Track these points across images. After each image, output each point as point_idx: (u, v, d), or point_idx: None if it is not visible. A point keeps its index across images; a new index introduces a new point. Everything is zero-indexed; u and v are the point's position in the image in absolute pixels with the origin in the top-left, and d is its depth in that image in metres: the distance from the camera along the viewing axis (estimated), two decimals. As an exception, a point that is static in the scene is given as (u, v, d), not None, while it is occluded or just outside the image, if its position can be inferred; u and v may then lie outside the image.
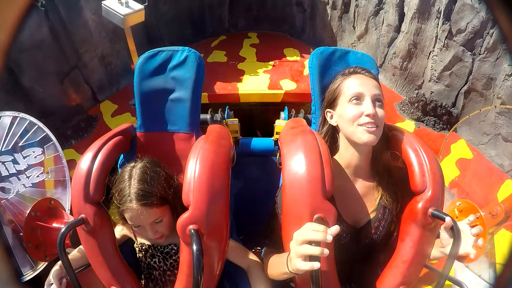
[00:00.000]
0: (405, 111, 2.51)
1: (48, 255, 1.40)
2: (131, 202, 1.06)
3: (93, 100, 2.70)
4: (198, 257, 0.89)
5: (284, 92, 2.78)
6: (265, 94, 2.81)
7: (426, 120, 2.40)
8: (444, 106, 2.36)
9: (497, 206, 1.38)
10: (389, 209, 1.12)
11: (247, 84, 2.87)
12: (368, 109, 1.02)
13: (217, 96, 2.79)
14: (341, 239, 1.09)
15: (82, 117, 2.47)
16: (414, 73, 2.58)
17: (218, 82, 2.87)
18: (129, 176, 1.10)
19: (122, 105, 2.67)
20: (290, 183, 0.95)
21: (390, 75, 2.78)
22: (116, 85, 2.86)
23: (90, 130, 2.44)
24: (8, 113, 1.46)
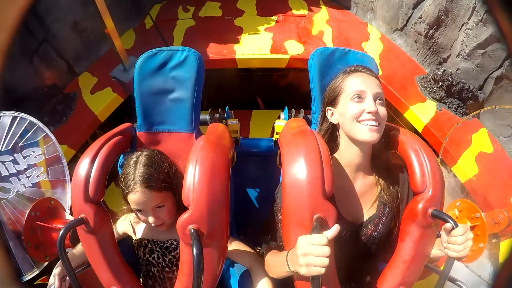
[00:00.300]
0: (427, 89, 2.24)
1: (48, 255, 1.40)
2: (136, 185, 1.10)
3: (70, 74, 2.39)
4: (198, 257, 0.89)
5: (289, 57, 2.41)
6: (267, 59, 2.42)
7: (449, 103, 2.17)
8: (471, 90, 2.09)
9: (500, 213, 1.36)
10: (389, 207, 1.12)
11: (245, 46, 2.47)
12: (369, 106, 1.03)
13: (210, 62, 2.40)
14: (340, 236, 1.09)
15: (58, 98, 2.21)
16: (441, 44, 2.25)
17: (212, 44, 2.47)
18: (135, 161, 1.15)
19: (102, 77, 2.39)
20: (290, 183, 0.95)
21: (412, 41, 2.44)
22: (95, 53, 2.52)
23: (68, 113, 2.21)
24: (8, 113, 1.46)
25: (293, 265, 0.89)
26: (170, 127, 1.40)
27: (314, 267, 0.81)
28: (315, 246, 0.81)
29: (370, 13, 2.75)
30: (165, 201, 1.15)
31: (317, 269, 0.81)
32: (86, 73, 2.44)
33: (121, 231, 1.31)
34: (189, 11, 2.75)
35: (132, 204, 1.13)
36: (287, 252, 0.95)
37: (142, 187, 1.10)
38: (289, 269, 0.93)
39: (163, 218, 1.16)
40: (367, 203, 1.14)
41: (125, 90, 2.37)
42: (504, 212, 1.36)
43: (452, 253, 0.93)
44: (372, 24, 2.78)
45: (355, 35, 2.64)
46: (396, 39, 2.60)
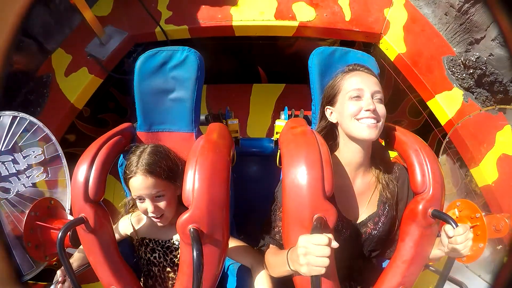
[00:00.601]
0: (455, 74, 1.98)
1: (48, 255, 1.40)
2: (138, 169, 1.13)
3: (42, 54, 2.06)
4: (198, 257, 0.89)
5: (298, 24, 2.04)
6: (271, 26, 2.06)
7: (477, 93, 1.94)
8: (504, 84, 1.87)
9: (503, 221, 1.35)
10: (389, 205, 1.12)
11: (244, 9, 2.09)
12: (368, 104, 1.03)
13: (202, 30, 2.09)
14: (340, 235, 1.10)
15: (29, 87, 1.94)
16: (476, 23, 1.94)
17: (203, 7, 2.08)
18: (141, 151, 1.18)
19: (77, 55, 2.09)
20: (290, 183, 0.95)
21: (441, 13, 2.11)
22: (68, 25, 2.15)
23: (42, 102, 1.95)
24: (8, 113, 1.46)
25: (294, 264, 0.90)
26: (170, 127, 1.40)
27: (314, 267, 0.81)
28: (316, 246, 0.81)
29: None
30: (166, 190, 1.16)
31: (317, 268, 0.81)
32: (59, 50, 2.10)
33: (122, 232, 1.31)
34: None
35: (133, 190, 1.15)
36: (288, 251, 0.95)
37: (144, 171, 1.12)
38: (290, 268, 0.93)
39: (162, 209, 1.16)
40: (367, 201, 1.14)
41: (102, 70, 2.08)
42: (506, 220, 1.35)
43: (452, 253, 0.93)
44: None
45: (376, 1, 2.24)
46: (423, 7, 2.25)
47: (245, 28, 2.09)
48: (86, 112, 2.28)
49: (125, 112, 2.67)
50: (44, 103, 1.96)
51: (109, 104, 2.54)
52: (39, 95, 1.96)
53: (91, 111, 2.32)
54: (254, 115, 2.63)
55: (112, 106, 2.58)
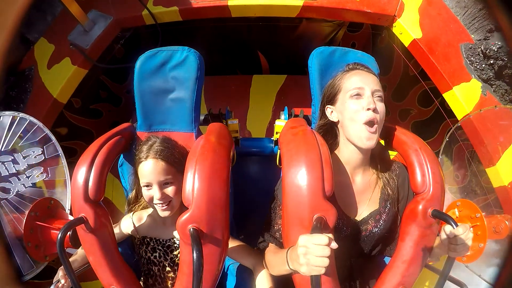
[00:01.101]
0: (474, 63, 1.85)
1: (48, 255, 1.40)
2: (149, 154, 1.15)
3: (24, 44, 1.94)
4: (198, 257, 0.89)
5: (302, 4, 1.85)
6: (272, 6, 1.86)
7: (496, 86, 1.82)
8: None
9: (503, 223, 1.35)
10: (390, 203, 1.12)
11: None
12: (368, 103, 1.03)
13: (195, 11, 1.91)
14: (341, 233, 1.10)
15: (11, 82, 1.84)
16: None
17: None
18: (152, 142, 1.19)
19: (60, 44, 1.95)
20: (290, 183, 0.95)
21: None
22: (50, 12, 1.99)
23: (25, 98, 1.83)
24: (8, 113, 1.46)
25: (293, 263, 0.90)
26: (170, 127, 1.40)
27: (314, 267, 0.81)
28: (316, 246, 0.81)
29: None
30: (174, 179, 1.16)
31: (317, 268, 0.81)
32: (42, 40, 1.96)
33: (124, 231, 1.31)
34: None
35: (142, 175, 1.15)
36: (287, 250, 0.95)
37: (154, 156, 1.14)
38: (289, 267, 0.93)
39: (170, 196, 1.16)
40: (368, 199, 1.14)
41: (86, 60, 1.94)
42: (506, 222, 1.34)
43: (452, 252, 0.93)
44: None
45: None
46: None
47: (243, 8, 1.90)
48: (76, 104, 2.11)
49: (119, 101, 2.42)
50: (27, 98, 1.85)
51: (101, 93, 2.34)
52: (21, 90, 1.85)
53: (82, 102, 2.15)
54: (254, 108, 2.50)
55: (104, 96, 2.37)
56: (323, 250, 0.81)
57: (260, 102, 2.49)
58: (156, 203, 1.16)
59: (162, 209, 1.17)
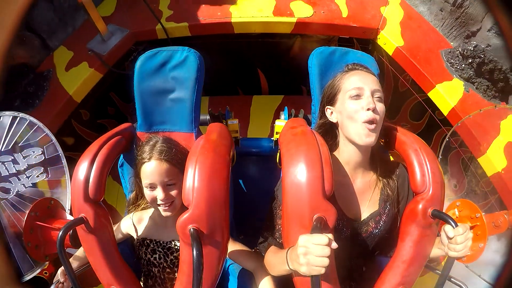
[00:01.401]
0: (454, 65, 2.00)
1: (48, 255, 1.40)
2: (153, 155, 1.14)
3: (44, 50, 2.11)
4: (198, 257, 0.89)
5: (296, 20, 2.09)
6: (270, 22, 2.11)
7: (478, 83, 1.94)
8: (503, 71, 1.87)
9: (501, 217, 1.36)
10: (390, 204, 1.12)
11: (243, 8, 2.15)
12: (368, 103, 1.03)
13: (202, 27, 2.14)
14: (341, 234, 1.10)
15: (29, 79, 1.97)
16: (471, 15, 1.99)
17: (203, 6, 2.16)
18: (155, 142, 1.19)
19: (79, 51, 2.14)
20: (290, 183, 0.95)
21: (436, 9, 2.18)
22: (71, 23, 2.23)
23: (41, 95, 1.97)
24: (8, 113, 1.46)
25: (293, 263, 0.90)
26: (170, 127, 1.40)
27: (314, 267, 0.81)
28: (316, 246, 0.81)
29: None
30: (177, 180, 1.16)
31: (317, 268, 0.81)
32: (61, 48, 2.16)
33: (124, 231, 1.31)
34: None
35: (145, 176, 1.15)
36: (287, 250, 0.95)
37: (158, 157, 1.14)
38: (289, 268, 0.93)
39: (172, 197, 1.16)
40: (368, 200, 1.14)
41: (102, 64, 2.13)
42: (505, 216, 1.35)
43: (452, 252, 0.93)
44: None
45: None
46: (419, 6, 2.33)
47: (244, 25, 2.12)
48: (85, 116, 2.26)
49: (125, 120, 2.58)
50: (43, 95, 1.97)
51: (109, 109, 2.53)
52: (39, 87, 1.97)
53: (91, 115, 2.31)
54: (254, 124, 2.72)
55: (112, 112, 2.57)
56: (323, 250, 0.81)
57: (260, 119, 2.69)
58: (159, 203, 1.16)
59: (165, 209, 1.17)
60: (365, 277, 1.19)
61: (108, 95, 2.43)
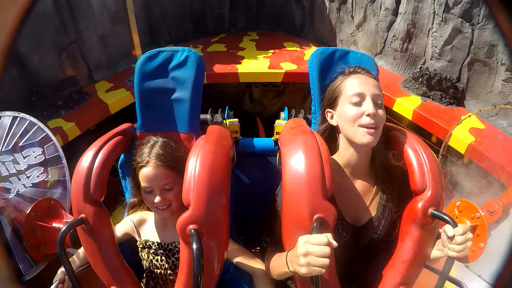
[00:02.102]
0: (410, 88, 2.46)
1: (48, 255, 1.40)
2: (150, 159, 1.14)
3: (89, 79, 2.64)
4: (198, 257, 0.89)
5: (284, 71, 2.74)
6: (265, 73, 2.76)
7: (432, 95, 2.34)
8: (449, 79, 2.30)
9: (495, 203, 1.39)
10: (389, 208, 1.12)
11: (246, 65, 2.85)
12: (368, 108, 1.03)
13: (216, 76, 2.75)
14: (341, 238, 1.09)
15: (75, 89, 2.39)
16: (415, 54, 2.56)
17: (217, 65, 2.84)
18: (153, 144, 1.20)
19: (117, 83, 2.62)
20: (290, 183, 0.95)
21: (391, 59, 2.77)
22: (113, 68, 2.81)
23: (81, 102, 2.37)
24: (8, 113, 1.46)
25: (293, 265, 0.90)
26: (170, 127, 1.40)
27: (314, 267, 0.81)
28: (316, 246, 0.81)
29: (353, 46, 3.17)
30: (175, 183, 1.15)
31: (317, 269, 0.81)
32: (103, 81, 2.67)
33: (122, 233, 1.31)
34: (198, 47, 3.26)
35: (142, 180, 1.15)
36: (287, 253, 0.95)
37: (156, 162, 1.14)
38: (289, 270, 0.93)
39: (169, 199, 1.16)
40: (368, 204, 1.13)
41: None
42: (499, 202, 1.39)
43: (452, 253, 0.93)
44: (357, 53, 3.15)
45: None
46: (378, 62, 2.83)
47: (247, 75, 2.78)
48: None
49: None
50: (83, 103, 2.37)
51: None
52: (81, 97, 2.41)
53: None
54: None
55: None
56: (323, 250, 0.81)
57: None
58: (156, 206, 1.16)
59: (161, 212, 1.18)
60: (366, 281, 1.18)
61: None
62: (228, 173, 1.05)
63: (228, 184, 1.03)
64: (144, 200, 1.21)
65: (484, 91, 2.13)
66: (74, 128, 2.14)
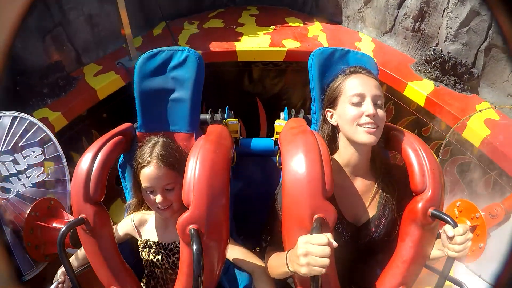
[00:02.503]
0: (422, 71, 2.30)
1: (48, 255, 1.40)
2: (152, 159, 1.14)
3: (77, 63, 2.49)
4: (198, 257, 0.89)
5: (286, 49, 2.57)
6: (266, 51, 2.58)
7: (446, 80, 2.20)
8: (464, 64, 2.14)
9: (497, 206, 1.38)
10: (389, 207, 1.12)
11: (246, 43, 2.65)
12: (368, 109, 1.03)
13: (212, 54, 2.55)
14: (341, 237, 1.10)
15: (62, 74, 2.24)
16: (428, 34, 2.39)
17: (214, 42, 2.64)
18: (154, 144, 1.19)
19: (107, 66, 2.48)
20: (290, 183, 0.95)
21: (401, 39, 2.60)
22: (103, 49, 2.65)
23: (68, 89, 2.23)
24: (8, 113, 1.46)
25: (293, 265, 0.90)
26: (170, 127, 1.40)
27: (314, 267, 0.81)
28: (316, 246, 0.81)
29: (360, 23, 3.00)
30: (176, 183, 1.15)
31: (317, 269, 0.81)
32: (92, 64, 2.51)
33: (123, 233, 1.31)
34: (193, 24, 3.06)
35: (144, 180, 1.14)
36: (287, 252, 0.95)
37: (157, 162, 1.14)
38: (289, 270, 0.93)
39: (170, 200, 1.16)
40: (367, 204, 1.14)
41: (127, 74, 2.41)
42: (501, 205, 1.38)
43: (452, 253, 0.93)
44: (364, 32, 3.01)
45: (348, 38, 2.88)
46: (387, 41, 2.77)
47: (246, 53, 2.59)
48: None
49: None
50: (69, 90, 2.24)
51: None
52: (68, 83, 2.27)
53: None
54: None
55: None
56: (323, 250, 0.81)
57: None
58: (158, 206, 1.16)
59: (162, 212, 1.18)
60: (365, 280, 1.19)
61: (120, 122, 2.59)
62: (228, 173, 1.05)
63: (228, 184, 1.03)
64: (145, 200, 1.21)
65: (500, 79, 2.02)
66: (60, 118, 2.05)
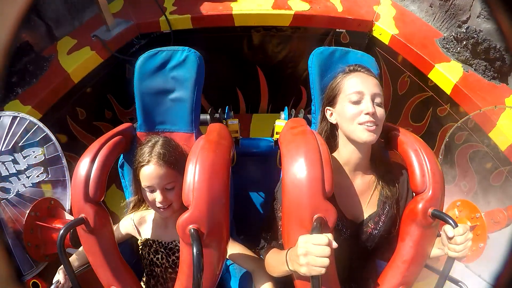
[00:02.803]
0: (450, 50, 2.03)
1: (48, 255, 1.40)
2: (152, 158, 1.14)
3: (49, 38, 2.15)
4: (198, 257, 0.89)
5: (293, 13, 2.17)
6: (269, 15, 2.18)
7: (475, 64, 1.95)
8: (498, 49, 1.88)
9: (500, 213, 1.37)
10: (389, 205, 1.13)
11: (244, 4, 2.25)
12: (367, 107, 1.03)
13: (204, 19, 2.21)
14: (341, 235, 1.10)
15: (30, 58, 1.99)
16: (459, 6, 2.05)
17: (206, 3, 2.25)
18: (154, 143, 1.19)
19: (82, 39, 2.15)
20: (290, 183, 0.95)
21: (426, 6, 2.26)
22: (78, 18, 2.27)
23: (39, 74, 1.95)
24: (8, 113, 1.46)
25: (293, 264, 0.90)
26: (170, 127, 1.40)
27: (314, 267, 0.81)
28: (316, 246, 0.81)
29: None
30: (176, 182, 1.15)
31: (317, 269, 0.81)
32: (66, 37, 2.18)
33: (123, 232, 1.31)
34: None
35: (144, 179, 1.14)
36: (287, 251, 0.95)
37: (157, 160, 1.13)
38: (288, 268, 0.93)
39: (170, 199, 1.16)
40: (367, 201, 1.14)
41: (104, 48, 2.13)
42: (504, 212, 1.37)
43: (452, 253, 0.93)
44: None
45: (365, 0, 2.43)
46: (409, 6, 2.42)
47: (244, 17, 2.20)
48: (81, 115, 2.23)
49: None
50: (41, 75, 1.97)
51: (106, 113, 2.48)
52: (38, 67, 1.99)
53: (87, 115, 2.25)
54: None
55: (109, 116, 2.50)
56: (323, 250, 0.81)
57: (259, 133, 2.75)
58: (158, 206, 1.16)
59: (162, 211, 1.18)
60: (365, 278, 1.19)
61: (106, 96, 2.41)
62: (228, 173, 1.05)
63: (228, 184, 1.03)
64: (145, 199, 1.21)
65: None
66: (32, 112, 1.81)
